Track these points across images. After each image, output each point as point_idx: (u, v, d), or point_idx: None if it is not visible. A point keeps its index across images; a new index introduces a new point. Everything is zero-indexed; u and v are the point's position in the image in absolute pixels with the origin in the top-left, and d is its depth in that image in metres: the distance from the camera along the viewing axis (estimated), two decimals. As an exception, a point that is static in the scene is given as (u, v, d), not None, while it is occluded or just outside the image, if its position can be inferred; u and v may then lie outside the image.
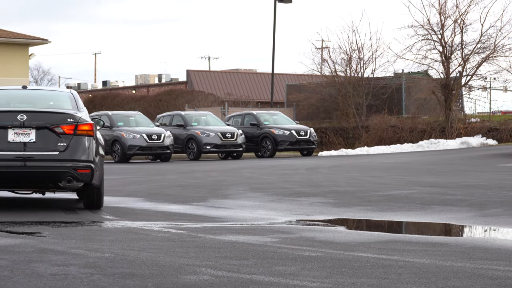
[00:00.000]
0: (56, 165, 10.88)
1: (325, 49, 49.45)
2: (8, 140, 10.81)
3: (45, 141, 10.91)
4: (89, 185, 11.32)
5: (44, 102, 11.97)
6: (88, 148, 11.07)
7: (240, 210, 11.84)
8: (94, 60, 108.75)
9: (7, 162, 10.73)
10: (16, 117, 10.85)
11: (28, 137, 10.88)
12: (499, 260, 6.95)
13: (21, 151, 10.81)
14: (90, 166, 11.02)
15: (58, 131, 10.94)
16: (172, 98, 52.82)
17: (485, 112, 40.08)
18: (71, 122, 10.98)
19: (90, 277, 6.16)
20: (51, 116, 11.01)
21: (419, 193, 13.52)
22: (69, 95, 12.04)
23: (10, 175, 10.89)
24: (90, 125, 11.15)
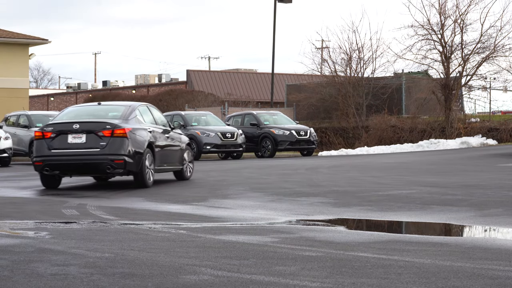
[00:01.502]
0: (98, 158, 15.34)
1: (325, 49, 49.46)
2: (68, 141, 15.54)
3: (91, 141, 15.41)
4: (131, 171, 15.62)
5: (101, 115, 16.35)
6: (121, 146, 15.34)
7: (240, 210, 11.84)
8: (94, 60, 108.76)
9: (68, 157, 15.45)
10: (72, 126, 15.57)
11: (80, 139, 15.49)
12: (499, 260, 6.95)
13: (77, 149, 15.42)
14: (123, 158, 15.30)
15: (99, 134, 15.40)
16: (172, 98, 52.83)
17: (485, 112, 40.09)
18: (109, 128, 15.43)
19: (90, 277, 6.17)
20: (95, 125, 15.56)
21: (419, 193, 13.52)
22: (124, 108, 16.45)
23: (71, 166, 15.57)
24: (123, 129, 15.42)
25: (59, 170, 15.67)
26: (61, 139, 15.53)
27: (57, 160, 15.52)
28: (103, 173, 15.74)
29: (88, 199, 13.69)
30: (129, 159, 15.37)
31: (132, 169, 15.51)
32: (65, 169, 15.69)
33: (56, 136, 15.58)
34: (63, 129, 15.58)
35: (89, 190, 15.76)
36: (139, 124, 16.08)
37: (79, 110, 16.93)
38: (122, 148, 15.34)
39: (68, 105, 74.93)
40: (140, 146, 15.67)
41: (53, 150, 15.53)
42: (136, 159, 15.53)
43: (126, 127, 15.51)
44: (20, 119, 30.58)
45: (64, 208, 12.11)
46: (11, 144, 27.28)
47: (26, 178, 20.21)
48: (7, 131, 28.67)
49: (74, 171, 15.88)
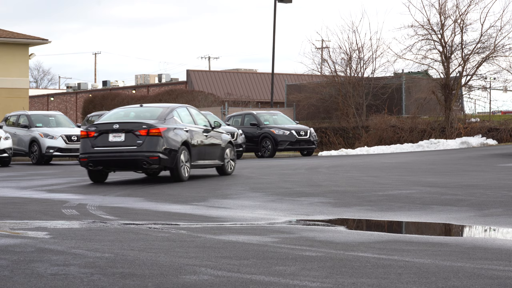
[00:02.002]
0: (135, 155, 16.92)
1: (325, 49, 49.46)
2: (109, 140, 17.17)
3: (129, 140, 17.01)
4: (166, 167, 17.25)
5: (141, 115, 17.91)
6: (156, 144, 16.91)
7: (240, 210, 11.84)
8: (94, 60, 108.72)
9: (109, 154, 17.10)
10: (113, 126, 17.19)
11: (120, 138, 17.10)
12: (499, 260, 6.95)
13: (116, 147, 17.05)
14: (158, 155, 16.86)
15: (136, 134, 16.98)
16: (172, 98, 52.83)
17: (485, 112, 40.09)
18: (145, 127, 17.00)
19: (90, 277, 6.17)
20: (133, 125, 17.16)
21: (419, 193, 13.52)
22: (163, 109, 17.97)
23: (111, 162, 17.23)
24: (158, 129, 17.00)
25: (102, 165, 17.35)
26: (103, 138, 17.21)
27: (99, 156, 17.17)
28: (140, 168, 17.35)
29: (88, 199, 13.69)
30: (163, 156, 16.95)
31: (167, 164, 17.15)
32: (106, 165, 17.37)
33: (99, 135, 17.25)
34: (105, 128, 17.24)
35: (89, 190, 15.76)
36: (175, 124, 17.58)
37: (123, 111, 18.56)
38: (157, 145, 16.92)
39: (68, 105, 74.98)
40: (174, 144, 17.22)
41: (96, 147, 17.20)
42: (171, 156, 17.11)
43: (161, 126, 17.09)
44: (20, 119, 30.58)
45: (64, 208, 12.11)
46: (11, 144, 27.29)
47: (26, 178, 20.21)
48: (7, 131, 28.67)
49: (114, 167, 17.54)
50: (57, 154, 29.00)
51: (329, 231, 9.20)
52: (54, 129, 29.40)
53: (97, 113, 33.87)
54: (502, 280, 6.02)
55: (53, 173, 22.22)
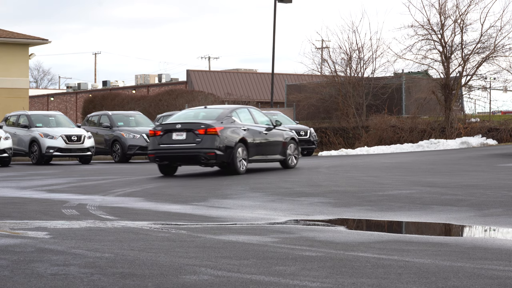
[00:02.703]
0: (195, 151, 19.02)
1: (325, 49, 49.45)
2: (172, 138, 19.31)
3: (190, 138, 19.12)
4: (223, 162, 19.23)
5: (203, 116, 20.00)
6: (213, 142, 18.92)
7: (240, 210, 11.84)
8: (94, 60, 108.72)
9: (172, 150, 19.25)
10: (176, 126, 19.34)
11: (182, 136, 19.23)
12: (499, 260, 6.95)
13: (179, 144, 19.19)
14: (214, 151, 18.88)
15: (196, 132, 19.05)
16: (172, 98, 52.80)
17: (485, 112, 40.09)
18: (203, 127, 19.04)
19: (90, 277, 6.17)
20: (193, 125, 19.26)
21: (419, 193, 13.52)
22: (223, 110, 20.12)
23: (174, 157, 19.43)
24: (215, 128, 19.00)
25: (167, 160, 19.62)
26: (168, 136, 19.40)
27: (164, 152, 19.39)
28: (199, 163, 19.47)
29: (88, 199, 13.69)
30: (219, 152, 18.98)
31: (223, 160, 19.17)
32: (170, 160, 19.59)
33: (164, 133, 19.46)
34: (169, 128, 19.49)
35: (89, 190, 15.76)
36: (233, 124, 19.62)
37: (189, 112, 20.99)
38: (213, 143, 18.95)
39: (68, 105, 74.99)
40: (231, 141, 19.25)
41: (161, 145, 19.39)
42: (227, 152, 19.13)
43: (218, 126, 19.13)
44: (20, 119, 30.58)
45: (64, 208, 12.10)
46: (11, 144, 27.28)
47: (26, 178, 20.21)
48: (7, 131, 28.67)
49: (177, 161, 19.77)
50: (57, 154, 29.00)
51: (329, 231, 9.20)
52: (54, 129, 29.40)
53: (97, 113, 33.87)
54: (502, 280, 6.02)
55: (53, 173, 22.22)
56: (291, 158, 21.66)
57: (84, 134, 29.32)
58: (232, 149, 19.23)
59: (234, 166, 19.35)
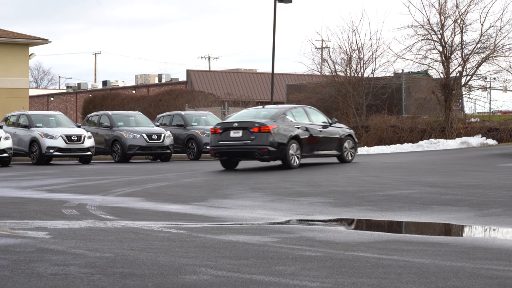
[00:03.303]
0: (250, 147, 20.92)
1: (325, 49, 49.44)
2: (230, 135, 21.19)
3: (245, 135, 20.98)
4: (277, 157, 21.08)
5: (259, 115, 21.89)
6: (266, 139, 20.76)
7: (240, 210, 11.84)
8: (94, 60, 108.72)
9: (230, 147, 21.19)
10: (233, 125, 21.26)
11: (238, 134, 21.09)
12: (499, 260, 6.95)
13: (235, 141, 21.09)
14: (267, 148, 20.73)
15: (251, 130, 20.94)
16: (172, 98, 52.80)
17: (485, 112, 40.07)
18: (257, 126, 20.91)
19: (90, 277, 6.17)
20: (248, 123, 21.13)
21: (419, 193, 13.52)
22: (277, 110, 21.99)
23: (231, 153, 21.41)
24: (268, 127, 20.81)
25: (226, 156, 21.66)
26: (226, 134, 21.30)
27: (223, 149, 21.40)
28: (253, 158, 21.46)
29: (88, 199, 13.69)
30: (272, 148, 20.78)
31: (276, 155, 21.02)
32: (228, 155, 21.60)
33: (223, 131, 21.39)
34: (227, 126, 21.43)
35: (89, 190, 15.76)
36: (286, 122, 21.45)
37: (246, 111, 23.30)
38: (266, 140, 20.78)
39: (68, 105, 75.00)
40: (283, 138, 21.03)
41: (220, 142, 21.35)
42: (280, 148, 20.91)
43: (270, 125, 20.97)
44: (20, 119, 30.58)
45: (64, 208, 12.10)
46: (11, 144, 27.29)
47: (26, 178, 20.21)
48: (7, 131, 28.67)
49: (234, 157, 21.74)
50: (57, 154, 29.00)
51: (329, 231, 9.20)
52: (54, 129, 29.39)
53: (97, 113, 33.88)
54: (502, 280, 6.02)
55: (53, 173, 22.23)
56: (347, 153, 23.39)
57: (84, 134, 29.32)
58: (285, 146, 21.04)
59: (287, 161, 21.16)
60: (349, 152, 23.43)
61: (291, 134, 21.24)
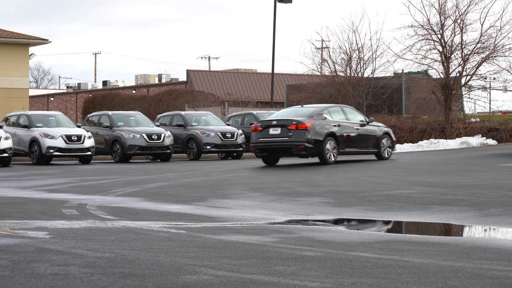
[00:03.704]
0: (287, 144, 22.23)
1: (325, 49, 49.41)
2: (269, 133, 22.54)
3: (283, 133, 22.27)
4: (314, 153, 22.38)
5: (296, 114, 23.06)
6: (303, 136, 22.00)
7: (240, 210, 11.84)
8: (94, 60, 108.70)
9: (268, 143, 22.54)
10: (272, 122, 22.68)
11: (277, 131, 22.45)
12: (499, 260, 6.95)
13: (274, 138, 22.46)
14: (304, 144, 21.97)
15: (288, 128, 22.19)
16: (172, 98, 52.80)
17: (485, 112, 40.08)
18: (294, 123, 22.16)
19: (90, 277, 6.17)
20: (286, 121, 22.45)
21: (419, 193, 13.52)
22: (315, 109, 23.27)
23: (270, 149, 22.76)
24: (305, 124, 22.03)
25: (265, 152, 23.02)
26: (265, 131, 22.63)
27: (262, 145, 22.79)
28: (291, 154, 22.83)
29: (88, 199, 13.69)
30: (308, 145, 22.02)
31: (313, 151, 22.27)
32: (267, 152, 22.97)
33: (263, 129, 22.71)
34: (266, 124, 22.77)
35: (89, 190, 15.76)
36: (323, 120, 22.63)
37: (286, 110, 24.55)
38: (303, 137, 21.99)
39: (68, 105, 75.00)
40: (320, 135, 22.22)
41: (260, 139, 22.72)
42: (316, 145, 22.14)
43: (307, 122, 22.19)
44: (20, 119, 30.58)
45: (64, 208, 12.10)
46: (11, 144, 27.29)
47: (26, 178, 20.21)
48: (7, 131, 28.67)
49: (273, 153, 23.03)
50: (57, 154, 29.00)
51: (329, 231, 9.20)
52: (54, 129, 29.40)
53: (98, 113, 33.88)
54: (502, 280, 6.02)
55: (53, 173, 22.23)
56: (385, 151, 24.54)
57: (84, 134, 29.32)
58: (321, 142, 22.21)
59: (323, 157, 22.37)
60: (386, 149, 24.56)
61: (328, 131, 22.38)
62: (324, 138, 22.21)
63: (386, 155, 24.49)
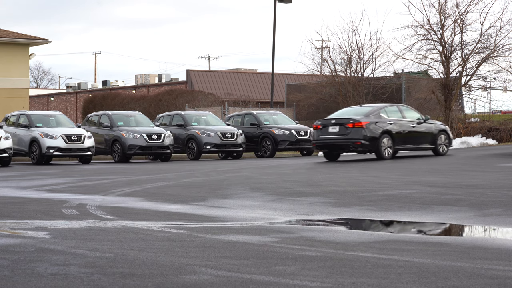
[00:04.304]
0: (344, 141, 24.33)
1: (325, 49, 49.41)
2: (328, 131, 24.57)
3: (341, 130, 24.24)
4: (370, 150, 24.39)
5: (354, 113, 25.10)
6: (359, 133, 23.90)
7: (240, 210, 11.84)
8: (94, 60, 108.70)
9: (327, 141, 24.61)
10: (331, 121, 24.71)
11: (335, 129, 24.43)
12: (499, 259, 6.95)
13: (332, 136, 24.51)
14: (360, 141, 23.94)
15: (346, 126, 24.16)
16: (172, 98, 52.80)
17: (485, 112, 40.09)
18: (351, 122, 24.10)
19: (90, 276, 6.17)
20: (343, 120, 24.45)
21: (419, 193, 13.52)
22: (371, 108, 25.04)
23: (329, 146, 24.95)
24: (361, 123, 23.96)
25: (326, 148, 25.23)
26: (325, 129, 24.65)
27: (322, 142, 24.93)
28: (348, 151, 24.99)
29: (88, 199, 13.69)
30: (365, 142, 23.95)
31: (369, 148, 24.25)
32: (327, 148, 25.18)
33: (323, 127, 24.72)
34: (326, 123, 24.82)
35: (89, 190, 15.76)
36: (379, 119, 24.41)
37: (344, 110, 26.71)
38: (359, 134, 23.92)
39: (68, 105, 75.02)
40: (375, 133, 24.09)
41: (320, 136, 24.79)
42: (372, 142, 24.05)
43: (363, 121, 24.03)
44: (20, 119, 30.58)
45: (64, 208, 12.10)
46: (11, 144, 27.29)
47: (26, 178, 20.21)
48: (7, 131, 28.67)
49: (331, 149, 25.11)
50: (57, 154, 29.00)
51: (329, 231, 9.20)
52: (54, 129, 29.40)
53: (97, 113, 33.90)
54: (502, 280, 6.02)
55: (53, 173, 22.22)
56: (441, 147, 26.02)
57: (84, 134, 29.33)
58: (377, 140, 24.04)
59: (379, 153, 24.18)
60: (443, 145, 26.00)
61: (383, 129, 24.14)
62: (380, 135, 24.00)
63: (442, 151, 25.94)
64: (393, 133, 24.44)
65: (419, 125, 25.30)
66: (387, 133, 24.25)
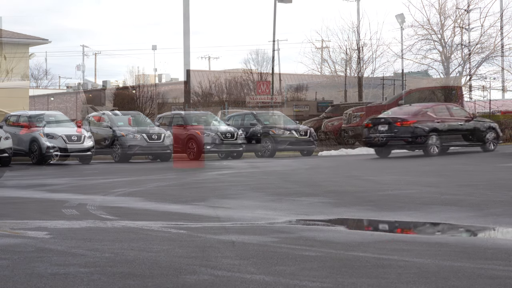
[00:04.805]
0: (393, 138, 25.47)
1: (325, 49, 49.44)
2: (378, 129, 25.72)
3: (390, 129, 25.51)
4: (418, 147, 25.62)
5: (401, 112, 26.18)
6: (407, 131, 25.18)
7: (240, 210, 11.83)
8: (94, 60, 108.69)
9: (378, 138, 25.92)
10: (380, 120, 25.85)
11: (384, 128, 25.65)
12: (499, 260, 6.95)
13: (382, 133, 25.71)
14: (407, 138, 25.29)
15: (394, 125, 25.36)
16: (172, 98, 52.81)
17: (485, 112, 40.08)
18: (399, 121, 25.34)
19: (90, 276, 6.17)
20: (392, 118, 25.53)
21: (419, 193, 13.52)
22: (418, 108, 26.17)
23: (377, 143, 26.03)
24: (408, 121, 25.12)
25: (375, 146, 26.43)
26: (375, 128, 26.04)
27: (371, 139, 26.25)
28: (397, 147, 26.29)
29: (88, 199, 13.69)
30: (412, 139, 25.31)
31: (416, 144, 25.46)
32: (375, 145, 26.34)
33: (373, 126, 26.10)
34: (376, 122, 26.21)
35: (89, 190, 15.76)
36: (426, 117, 25.60)
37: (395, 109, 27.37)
38: (407, 132, 25.32)
39: (68, 104, 75.02)
40: (422, 131, 25.32)
41: (371, 134, 26.13)
42: (419, 139, 25.33)
43: (411, 120, 25.40)
44: (20, 119, 30.57)
45: (64, 208, 12.10)
46: (11, 144, 27.27)
47: (26, 178, 20.21)
48: (7, 131, 28.66)
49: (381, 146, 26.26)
50: (57, 154, 28.98)
51: (329, 231, 9.20)
52: (54, 129, 29.39)
53: (98, 113, 33.87)
54: (502, 280, 6.02)
55: (53, 173, 22.22)
56: (489, 144, 27.01)
57: (84, 134, 29.31)
58: (424, 137, 25.26)
59: (426, 150, 25.38)
60: (491, 142, 27.04)
61: (430, 127, 25.37)
62: (427, 133, 25.26)
63: (490, 147, 26.96)
64: (440, 131, 25.58)
65: (466, 123, 26.34)
66: (434, 131, 25.41)
